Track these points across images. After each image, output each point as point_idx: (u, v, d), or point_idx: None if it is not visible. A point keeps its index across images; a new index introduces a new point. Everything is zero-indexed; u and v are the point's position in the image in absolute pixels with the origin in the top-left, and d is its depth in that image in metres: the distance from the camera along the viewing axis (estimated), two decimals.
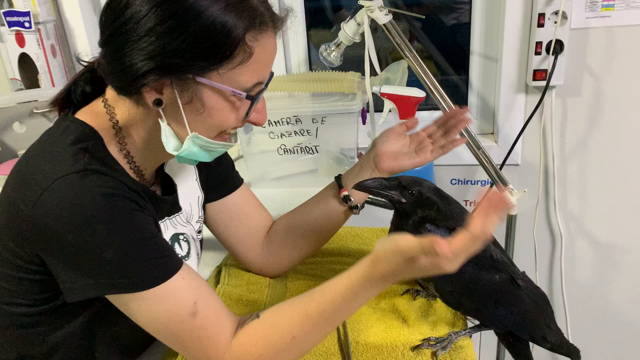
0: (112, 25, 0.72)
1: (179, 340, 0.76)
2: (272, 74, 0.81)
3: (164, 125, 0.77)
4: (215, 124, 0.77)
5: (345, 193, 1.00)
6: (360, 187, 0.85)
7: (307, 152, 1.47)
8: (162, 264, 0.75)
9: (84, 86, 0.84)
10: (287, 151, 1.47)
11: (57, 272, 0.74)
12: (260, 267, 1.10)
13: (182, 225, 0.93)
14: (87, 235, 0.70)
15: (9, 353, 0.85)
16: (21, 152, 1.44)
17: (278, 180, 1.52)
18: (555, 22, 1.42)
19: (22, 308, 0.80)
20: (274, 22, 0.76)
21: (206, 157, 0.82)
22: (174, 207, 0.93)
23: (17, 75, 1.59)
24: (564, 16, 1.41)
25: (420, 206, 0.83)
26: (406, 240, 0.68)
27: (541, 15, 1.43)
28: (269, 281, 1.09)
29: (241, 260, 1.09)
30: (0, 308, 0.82)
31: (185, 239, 0.93)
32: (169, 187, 0.94)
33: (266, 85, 0.80)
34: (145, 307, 0.74)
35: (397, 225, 0.87)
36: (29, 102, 1.43)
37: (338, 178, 1.03)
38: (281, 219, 1.09)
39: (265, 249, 1.07)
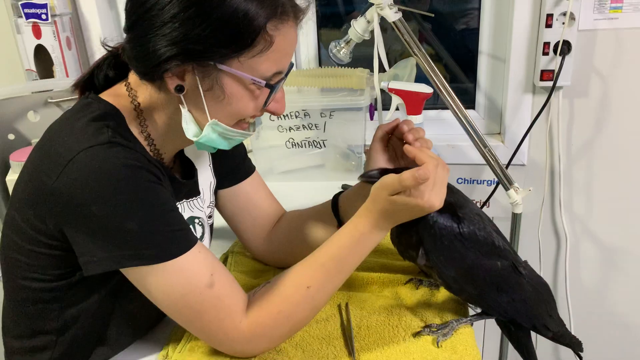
0: (137, 11, 0.74)
1: (195, 313, 0.78)
2: (292, 65, 0.83)
3: (184, 111, 0.78)
4: (234, 111, 0.79)
5: None
6: (365, 177, 0.86)
7: (315, 146, 1.49)
8: (182, 236, 0.77)
9: (107, 70, 0.86)
10: (295, 145, 1.49)
11: (77, 245, 0.75)
12: (262, 257, 1.12)
13: (199, 209, 0.95)
14: (111, 205, 0.71)
15: (22, 328, 0.87)
16: (35, 141, 1.47)
17: (285, 174, 1.54)
18: (563, 23, 1.44)
19: (38, 283, 0.82)
20: (295, 12, 0.77)
21: (224, 145, 0.83)
22: (193, 191, 0.95)
23: (33, 67, 1.62)
24: (572, 17, 1.43)
25: None
26: (389, 176, 0.78)
27: (549, 16, 1.44)
28: (274, 269, 1.11)
29: (247, 247, 1.12)
30: (17, 282, 0.84)
31: (200, 223, 0.95)
32: (187, 172, 0.96)
33: (286, 75, 0.81)
34: (164, 279, 0.75)
35: None
36: (43, 91, 1.46)
37: (336, 212, 1.01)
38: (287, 218, 1.10)
39: (268, 241, 1.09)
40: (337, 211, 1.01)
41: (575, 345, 0.94)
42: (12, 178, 1.35)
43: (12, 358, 0.89)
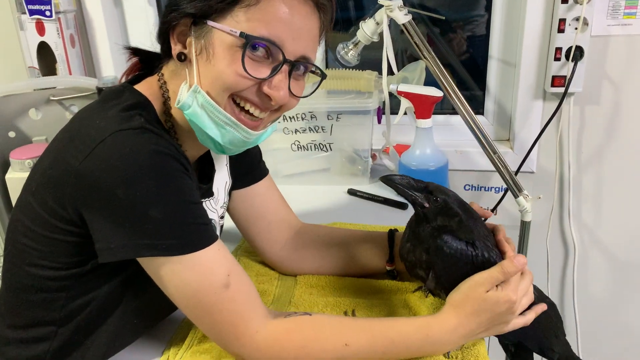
0: None
1: (206, 313, 0.75)
2: (307, 60, 0.79)
3: (183, 85, 0.78)
4: (215, 74, 0.75)
5: (392, 268, 1.02)
6: (386, 180, 0.83)
7: (321, 150, 1.46)
8: (203, 230, 0.75)
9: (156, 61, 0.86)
10: (301, 147, 1.46)
11: (95, 230, 0.73)
12: (276, 262, 1.08)
13: (212, 211, 0.93)
14: (137, 189, 0.69)
15: (21, 318, 0.83)
16: (35, 139, 1.45)
17: (290, 177, 1.51)
18: (576, 28, 1.41)
19: (47, 271, 0.79)
20: None
21: (215, 133, 0.78)
22: (207, 192, 0.92)
23: (35, 64, 1.60)
24: (585, 22, 1.40)
25: (442, 215, 0.82)
26: (482, 272, 0.79)
27: (562, 21, 1.42)
28: (279, 274, 1.08)
29: (259, 252, 1.08)
30: (22, 269, 0.80)
31: (213, 224, 0.92)
32: (205, 176, 0.94)
33: (290, 62, 0.76)
34: (179, 273, 0.73)
35: (414, 229, 0.85)
36: (45, 89, 1.43)
37: (391, 245, 1.01)
38: (319, 232, 1.08)
39: (290, 250, 1.06)
40: (392, 245, 1.01)
41: None
42: (11, 176, 1.32)
43: (5, 349, 0.85)
